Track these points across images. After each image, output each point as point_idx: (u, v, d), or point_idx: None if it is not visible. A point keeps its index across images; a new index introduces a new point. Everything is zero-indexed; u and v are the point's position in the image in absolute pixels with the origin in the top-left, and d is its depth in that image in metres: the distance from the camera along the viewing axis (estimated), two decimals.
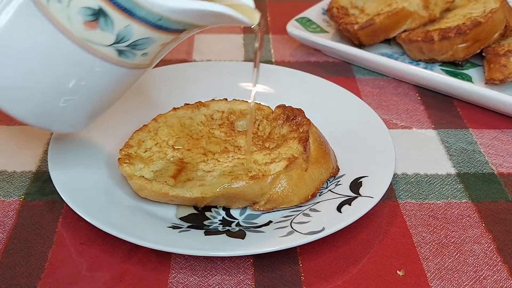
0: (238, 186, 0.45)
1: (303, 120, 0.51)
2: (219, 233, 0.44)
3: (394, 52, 0.70)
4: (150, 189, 0.45)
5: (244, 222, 0.46)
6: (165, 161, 0.48)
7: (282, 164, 0.46)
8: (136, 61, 0.41)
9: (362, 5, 0.73)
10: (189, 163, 0.48)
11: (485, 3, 0.66)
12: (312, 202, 0.47)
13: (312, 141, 0.49)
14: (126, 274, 0.42)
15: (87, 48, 0.39)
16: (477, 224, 0.48)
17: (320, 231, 0.43)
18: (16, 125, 0.58)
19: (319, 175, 0.48)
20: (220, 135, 0.52)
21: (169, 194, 0.45)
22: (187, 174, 0.47)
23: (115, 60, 0.40)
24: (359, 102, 0.58)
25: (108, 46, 0.39)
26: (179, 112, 0.53)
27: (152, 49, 0.41)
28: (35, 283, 0.41)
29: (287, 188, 0.46)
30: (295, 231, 0.43)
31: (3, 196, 0.49)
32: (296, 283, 0.42)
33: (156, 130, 0.51)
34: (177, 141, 0.51)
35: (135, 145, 0.49)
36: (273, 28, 0.78)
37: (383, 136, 0.53)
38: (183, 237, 0.43)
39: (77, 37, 0.39)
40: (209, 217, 0.46)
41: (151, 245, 0.41)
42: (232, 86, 0.60)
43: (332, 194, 0.47)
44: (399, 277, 0.43)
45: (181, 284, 0.42)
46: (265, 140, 0.51)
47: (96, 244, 0.44)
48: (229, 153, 0.49)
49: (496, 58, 0.62)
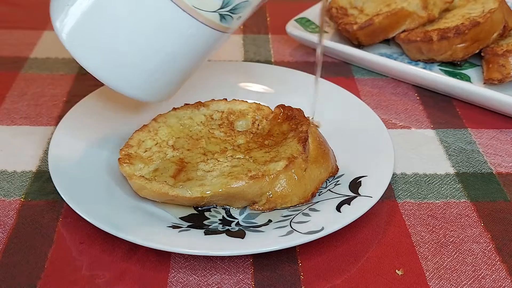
0: (238, 186, 0.45)
1: (302, 120, 0.51)
2: (219, 233, 0.44)
3: (393, 52, 0.71)
4: (150, 188, 0.45)
5: (243, 222, 0.46)
6: (165, 161, 0.48)
7: (282, 164, 0.46)
8: (232, 25, 0.44)
9: (361, 5, 0.73)
10: (189, 163, 0.48)
11: (484, 3, 0.66)
12: (311, 202, 0.47)
13: (311, 141, 0.49)
14: (126, 274, 0.42)
15: (194, 14, 0.41)
16: (475, 223, 0.48)
17: (320, 230, 0.43)
18: (16, 125, 0.58)
19: (319, 175, 0.48)
20: (219, 135, 0.52)
21: (169, 194, 0.45)
22: (187, 174, 0.47)
23: (215, 25, 0.43)
24: (358, 101, 0.58)
25: (214, 12, 0.41)
26: (179, 112, 0.53)
27: (245, 12, 0.44)
28: (35, 282, 0.42)
29: (287, 188, 0.46)
30: (294, 231, 0.43)
31: (3, 196, 0.49)
32: (295, 282, 0.42)
33: (156, 130, 0.51)
34: (177, 141, 0.51)
35: (135, 145, 0.50)
36: (273, 28, 0.78)
37: (382, 136, 0.53)
38: (182, 237, 0.43)
39: (186, 3, 0.41)
40: (209, 217, 0.46)
41: (151, 245, 0.41)
42: (232, 86, 0.61)
43: (332, 194, 0.48)
44: (398, 277, 0.43)
45: (181, 283, 0.42)
46: (264, 137, 0.51)
47: (96, 244, 0.45)
48: (228, 153, 0.49)
49: (494, 58, 0.62)
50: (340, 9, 0.72)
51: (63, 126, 0.53)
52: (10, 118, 0.59)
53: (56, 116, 0.59)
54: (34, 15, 0.79)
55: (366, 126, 0.55)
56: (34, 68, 0.68)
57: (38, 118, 0.59)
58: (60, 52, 0.70)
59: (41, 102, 0.61)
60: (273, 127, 0.52)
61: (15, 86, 0.64)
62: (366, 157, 0.51)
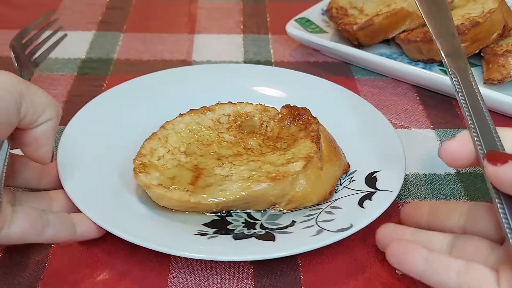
0: (260, 189, 0.45)
1: (310, 119, 0.51)
2: (247, 237, 0.43)
3: (393, 52, 0.71)
4: (170, 197, 0.44)
5: (267, 223, 0.46)
6: (180, 168, 0.48)
7: (300, 164, 0.46)
8: None
9: (361, 6, 0.73)
10: (205, 169, 0.48)
11: (484, 3, 0.66)
12: (331, 200, 0.47)
13: (322, 139, 0.49)
14: (126, 274, 0.42)
15: None
16: None
17: (349, 227, 0.43)
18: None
19: (334, 172, 0.48)
20: (230, 139, 0.52)
21: (191, 201, 0.44)
22: (204, 180, 0.46)
23: None
24: (360, 99, 0.58)
25: None
26: (185, 118, 0.53)
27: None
28: (35, 283, 0.42)
29: (306, 187, 0.46)
30: (323, 230, 0.43)
31: None
32: (295, 282, 0.42)
33: (166, 138, 0.51)
34: (188, 147, 0.50)
35: (148, 154, 0.49)
36: (273, 28, 0.78)
37: (388, 131, 0.53)
38: (214, 244, 0.42)
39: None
40: (231, 221, 0.46)
41: (189, 255, 0.41)
42: (235, 88, 0.60)
43: (349, 191, 0.48)
44: (398, 276, 0.43)
45: (181, 284, 0.42)
46: (275, 141, 0.51)
47: (96, 244, 0.45)
48: (242, 156, 0.49)
49: (494, 58, 0.62)
50: (340, 9, 0.72)
51: (71, 127, 0.52)
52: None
53: None
54: (34, 15, 0.79)
55: (370, 122, 0.55)
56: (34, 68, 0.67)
57: None
58: (60, 52, 0.70)
59: None
60: (282, 130, 0.52)
61: None
62: (375, 152, 0.51)
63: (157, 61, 0.70)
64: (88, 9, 0.82)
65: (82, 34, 0.75)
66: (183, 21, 0.80)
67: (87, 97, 0.57)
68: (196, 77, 0.62)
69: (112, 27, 0.77)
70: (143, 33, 0.76)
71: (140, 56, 0.71)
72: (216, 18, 0.81)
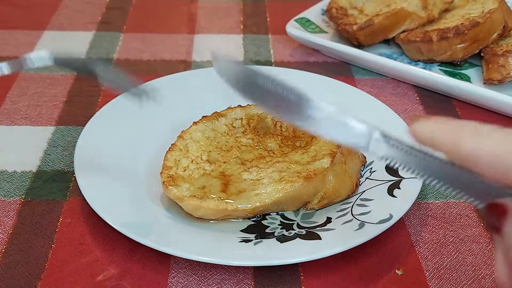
0: (295, 189, 0.45)
1: None
2: (291, 238, 0.43)
3: (393, 53, 0.71)
4: (206, 207, 0.44)
5: (303, 223, 0.46)
6: (207, 177, 0.48)
7: (327, 161, 0.46)
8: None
9: (361, 6, 0.73)
10: (232, 175, 0.48)
11: (484, 3, 0.66)
12: (358, 192, 0.48)
13: None
14: (126, 274, 0.42)
15: None
16: (475, 223, 0.48)
17: (389, 218, 0.43)
18: (16, 125, 0.58)
19: (355, 165, 0.49)
20: (248, 142, 0.52)
21: (228, 209, 0.44)
22: (235, 187, 0.46)
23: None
24: (367, 96, 0.58)
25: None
26: (200, 126, 0.52)
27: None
28: (36, 283, 0.42)
29: (335, 183, 0.47)
30: (365, 223, 0.43)
31: (4, 196, 0.49)
32: (295, 282, 0.42)
33: (186, 148, 0.50)
34: (209, 155, 0.50)
35: (174, 166, 0.48)
36: (273, 28, 0.78)
37: (393, 119, 0.53)
38: (263, 249, 0.42)
39: None
40: (268, 225, 0.46)
41: (241, 263, 0.41)
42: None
43: (373, 182, 0.48)
44: (398, 276, 0.43)
45: (181, 283, 0.42)
46: (293, 140, 0.51)
47: (96, 244, 0.45)
48: (266, 158, 0.49)
49: (494, 58, 0.62)
50: (340, 9, 0.72)
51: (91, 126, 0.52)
52: (10, 118, 0.59)
53: (56, 116, 0.59)
54: (34, 15, 0.80)
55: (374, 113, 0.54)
56: (34, 69, 0.67)
57: (38, 118, 0.59)
58: (60, 52, 0.69)
59: (41, 102, 0.61)
60: (296, 129, 0.52)
61: (15, 86, 0.64)
62: None
63: (157, 61, 0.70)
64: (88, 9, 0.82)
65: (82, 34, 0.75)
66: (183, 21, 0.80)
67: (87, 97, 0.57)
68: (200, 81, 0.61)
69: (112, 27, 0.77)
70: (143, 33, 0.76)
71: (140, 56, 0.71)
72: (216, 18, 0.81)
